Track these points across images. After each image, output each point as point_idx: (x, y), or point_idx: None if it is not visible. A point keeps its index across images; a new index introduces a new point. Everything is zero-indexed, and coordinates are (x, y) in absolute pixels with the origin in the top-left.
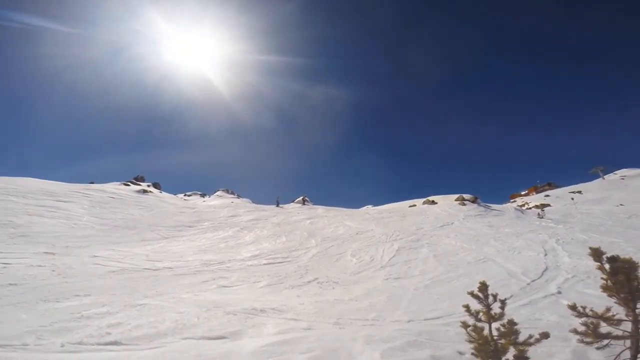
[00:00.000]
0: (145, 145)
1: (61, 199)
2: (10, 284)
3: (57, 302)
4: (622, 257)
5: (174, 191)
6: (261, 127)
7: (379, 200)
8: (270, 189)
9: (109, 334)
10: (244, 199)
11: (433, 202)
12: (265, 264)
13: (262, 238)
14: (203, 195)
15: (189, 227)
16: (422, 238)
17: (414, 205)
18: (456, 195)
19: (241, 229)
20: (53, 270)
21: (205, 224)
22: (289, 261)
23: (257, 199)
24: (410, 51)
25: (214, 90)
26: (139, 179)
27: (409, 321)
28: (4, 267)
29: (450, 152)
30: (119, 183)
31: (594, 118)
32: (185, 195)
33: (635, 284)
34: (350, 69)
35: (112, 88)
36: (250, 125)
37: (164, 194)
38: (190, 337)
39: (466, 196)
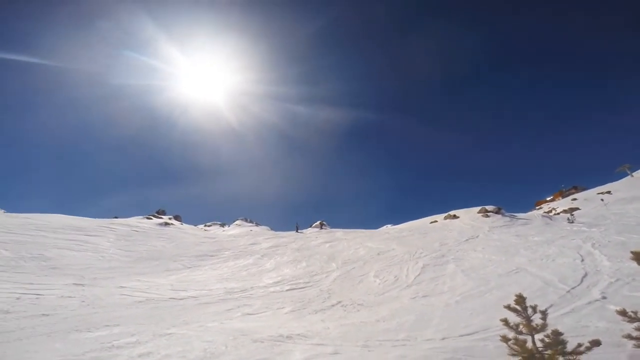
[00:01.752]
0: (164, 180)
1: (89, 233)
2: (43, 314)
3: (88, 332)
4: None
5: (194, 222)
6: (274, 155)
7: (397, 219)
8: (287, 216)
9: None
10: (263, 227)
11: (455, 217)
12: (287, 290)
13: (282, 264)
14: (223, 225)
15: (211, 256)
16: (447, 254)
17: (435, 221)
18: (478, 208)
19: (262, 256)
20: (83, 301)
21: (226, 252)
22: (311, 286)
23: (275, 226)
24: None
25: (227, 121)
26: (160, 213)
27: (442, 339)
28: (37, 298)
29: (467, 164)
30: (141, 217)
31: (612, 115)
32: (205, 225)
33: None
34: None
35: (132, 124)
36: (264, 154)
37: (185, 225)
38: None
39: (489, 207)
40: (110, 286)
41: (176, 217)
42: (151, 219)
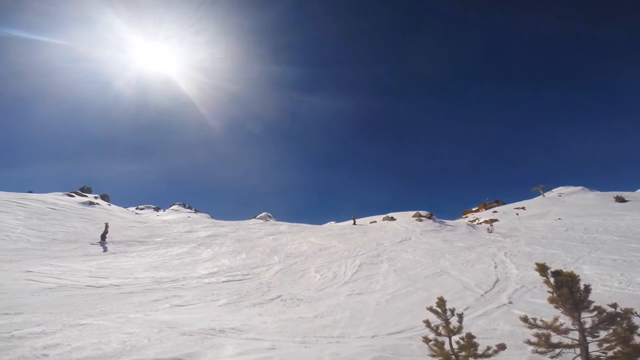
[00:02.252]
0: (94, 154)
1: None
2: None
3: None
4: (564, 271)
5: (124, 204)
6: (221, 140)
7: (341, 217)
8: (230, 204)
9: (45, 355)
10: (202, 214)
11: (392, 219)
12: (224, 282)
13: (220, 255)
14: (157, 209)
15: (140, 242)
16: (383, 253)
17: (375, 222)
18: (413, 212)
19: (198, 245)
20: None
21: (158, 239)
22: (250, 278)
23: (216, 214)
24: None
25: (176, 99)
26: (84, 190)
27: (373, 337)
28: None
29: (408, 171)
30: (61, 194)
31: (535, 140)
32: (137, 208)
33: (578, 295)
34: (312, 87)
35: (64, 92)
36: (210, 138)
37: (113, 206)
38: None
39: (423, 213)
40: (15, 270)
41: (103, 197)
42: (73, 196)
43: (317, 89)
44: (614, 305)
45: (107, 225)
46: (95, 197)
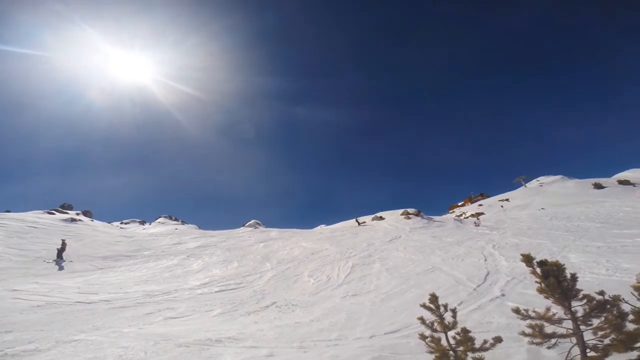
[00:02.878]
0: (73, 170)
1: None
2: None
3: None
4: (549, 260)
5: (108, 219)
6: (204, 150)
7: (331, 219)
8: (217, 214)
9: None
10: (190, 225)
11: (381, 218)
12: (217, 292)
13: (211, 265)
14: (143, 223)
15: (128, 257)
16: (374, 253)
17: (364, 222)
18: (401, 210)
19: (187, 256)
20: None
21: (146, 252)
22: (244, 287)
23: (203, 225)
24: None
25: (156, 109)
26: (65, 207)
27: (370, 337)
28: None
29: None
30: (41, 211)
31: (515, 132)
32: (122, 223)
33: (566, 284)
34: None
35: (35, 104)
36: (195, 149)
37: (96, 222)
38: None
39: (410, 210)
40: (0, 289)
41: (85, 213)
42: (54, 214)
43: (301, 98)
44: (602, 293)
45: (64, 242)
46: (77, 214)
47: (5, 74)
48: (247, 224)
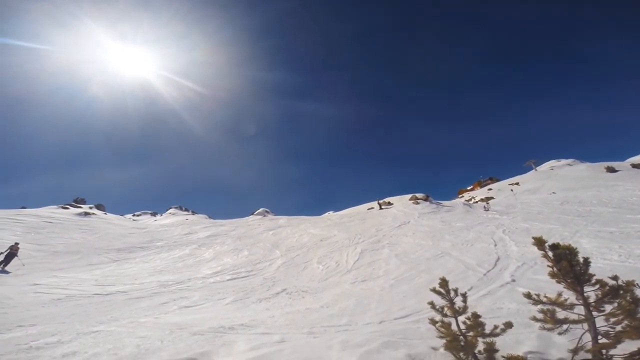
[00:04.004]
0: (86, 165)
1: None
2: None
3: None
4: (561, 243)
5: (120, 212)
6: (212, 140)
7: (339, 205)
8: (227, 203)
9: None
10: (200, 215)
11: (389, 204)
12: (228, 280)
13: (222, 253)
14: (154, 214)
15: (141, 248)
16: (383, 239)
17: (372, 208)
18: (410, 195)
19: (199, 246)
20: None
21: (159, 243)
22: (254, 274)
23: (214, 215)
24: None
25: (163, 104)
26: (78, 201)
27: (380, 322)
28: None
29: (402, 155)
30: (56, 207)
31: (526, 116)
32: (134, 215)
33: (578, 269)
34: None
35: (46, 102)
36: (204, 141)
37: (110, 215)
38: None
39: (419, 195)
40: (21, 284)
41: (98, 207)
42: (68, 208)
43: (309, 91)
44: (615, 278)
45: (14, 246)
46: (90, 208)
47: (9, 68)
48: (256, 212)
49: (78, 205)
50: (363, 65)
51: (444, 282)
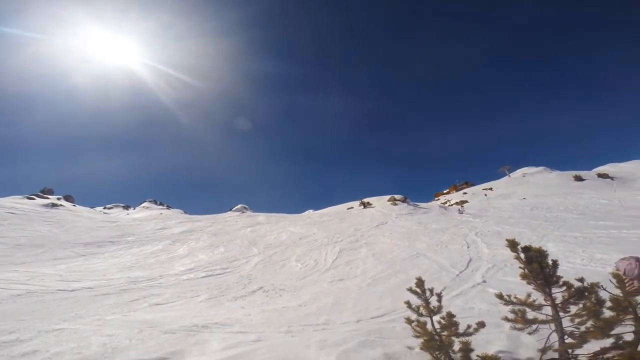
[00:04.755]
0: (56, 154)
1: None
2: None
3: None
4: (532, 246)
5: (90, 204)
6: (195, 134)
7: (320, 204)
8: (205, 199)
9: None
10: (176, 210)
11: (369, 204)
12: (203, 277)
13: (197, 250)
14: (127, 208)
15: (111, 242)
16: (361, 238)
17: (352, 208)
18: (388, 196)
19: (173, 241)
20: None
21: (130, 238)
22: (230, 272)
23: (190, 210)
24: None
25: (143, 94)
26: (46, 192)
27: (357, 321)
28: None
29: (383, 157)
30: (20, 197)
31: (501, 123)
32: (105, 208)
33: (547, 270)
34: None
35: (21, 88)
36: (183, 132)
37: (79, 207)
38: None
39: (397, 196)
40: None
41: (67, 198)
42: (33, 199)
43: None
44: (581, 280)
45: None
46: (58, 199)
47: None
48: (234, 209)
49: (45, 196)
50: (350, 63)
51: (420, 282)
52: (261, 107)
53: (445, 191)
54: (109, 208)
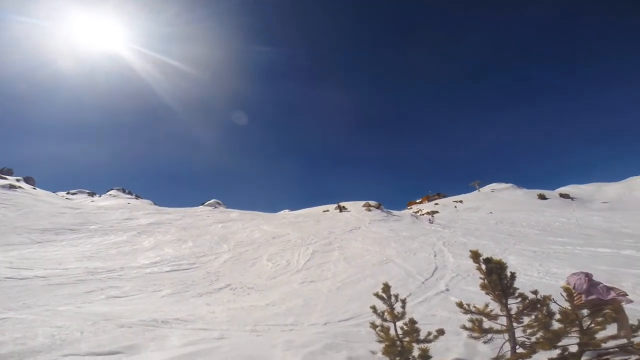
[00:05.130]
0: (17, 132)
1: None
2: None
3: None
4: (493, 258)
5: (52, 188)
6: (172, 122)
7: (297, 204)
8: (177, 191)
9: None
10: (145, 201)
11: (344, 208)
12: (167, 272)
13: (164, 243)
14: (92, 195)
15: (71, 230)
16: (334, 242)
17: (327, 211)
18: (363, 202)
19: (138, 233)
20: None
21: (93, 227)
22: (197, 267)
23: (160, 201)
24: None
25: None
26: (4, 172)
27: (325, 324)
28: None
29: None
30: None
31: (475, 138)
32: (68, 193)
33: (505, 282)
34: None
35: None
36: (159, 119)
37: (39, 190)
38: (72, 354)
39: (372, 203)
40: None
41: (27, 180)
42: None
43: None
44: (536, 292)
45: None
46: (18, 180)
47: None
48: (206, 203)
49: (3, 176)
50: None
51: (386, 288)
52: (244, 101)
53: (418, 200)
54: (73, 193)
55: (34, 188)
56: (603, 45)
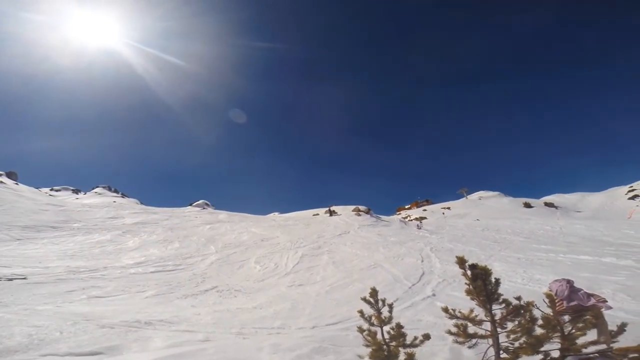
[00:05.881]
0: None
1: None
2: None
3: None
4: (479, 264)
5: (35, 184)
6: (163, 120)
7: (286, 207)
8: (165, 191)
9: None
10: (131, 199)
11: (334, 212)
12: (152, 272)
13: (149, 243)
14: (77, 192)
15: (53, 228)
16: (323, 245)
17: (317, 214)
18: (353, 207)
19: (123, 232)
20: None
21: (76, 225)
22: (183, 269)
23: (147, 201)
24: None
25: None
26: None
27: (313, 327)
28: None
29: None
30: None
31: (464, 147)
32: (51, 189)
33: (490, 288)
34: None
35: None
36: (150, 117)
37: (22, 186)
38: (51, 354)
39: (361, 207)
40: None
41: (9, 175)
42: None
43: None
44: (519, 298)
45: None
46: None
47: None
48: (194, 204)
49: None
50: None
51: (374, 292)
52: (237, 100)
53: (407, 206)
54: (57, 190)
55: (16, 183)
56: (589, 55)
